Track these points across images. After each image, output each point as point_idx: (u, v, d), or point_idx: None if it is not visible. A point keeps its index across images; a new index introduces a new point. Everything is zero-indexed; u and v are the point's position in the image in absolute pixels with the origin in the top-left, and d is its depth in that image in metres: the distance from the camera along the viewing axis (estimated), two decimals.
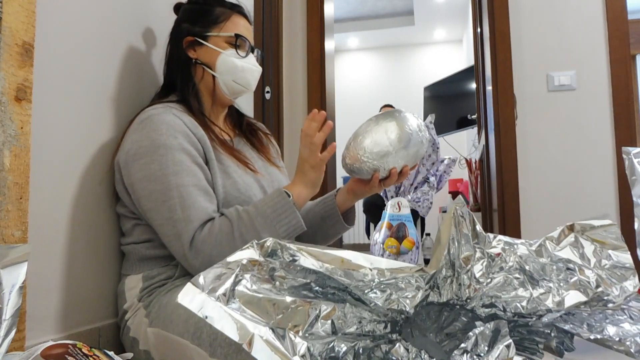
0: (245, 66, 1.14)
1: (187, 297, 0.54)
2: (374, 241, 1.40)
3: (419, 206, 1.44)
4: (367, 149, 1.04)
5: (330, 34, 3.11)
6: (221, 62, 1.12)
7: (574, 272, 0.63)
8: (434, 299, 0.60)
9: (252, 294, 0.55)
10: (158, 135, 0.98)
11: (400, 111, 1.07)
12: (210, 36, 1.13)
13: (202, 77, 1.14)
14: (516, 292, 0.60)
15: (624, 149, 0.96)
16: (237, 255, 0.59)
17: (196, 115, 1.09)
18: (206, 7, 1.15)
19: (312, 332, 0.54)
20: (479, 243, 0.64)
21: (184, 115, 1.05)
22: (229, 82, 1.13)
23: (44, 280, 0.90)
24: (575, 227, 0.67)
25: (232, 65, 1.12)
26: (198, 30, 1.13)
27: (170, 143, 0.98)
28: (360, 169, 1.06)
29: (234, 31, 1.13)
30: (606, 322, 0.63)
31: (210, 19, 1.14)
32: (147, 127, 1.00)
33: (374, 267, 0.60)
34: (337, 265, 0.60)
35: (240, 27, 1.15)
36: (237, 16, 1.16)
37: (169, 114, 1.02)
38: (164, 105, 1.06)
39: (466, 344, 0.56)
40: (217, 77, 1.12)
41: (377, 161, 1.04)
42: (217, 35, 1.12)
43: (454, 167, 1.46)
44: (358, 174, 1.08)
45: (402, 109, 1.09)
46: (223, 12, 1.15)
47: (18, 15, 0.80)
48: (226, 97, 1.15)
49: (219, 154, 1.07)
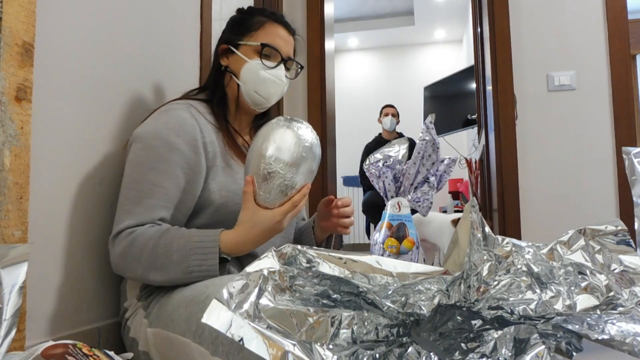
0: (267, 77, 1.12)
1: (213, 316, 0.52)
2: (374, 241, 1.40)
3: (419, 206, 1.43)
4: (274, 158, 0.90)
5: (330, 34, 3.11)
6: (245, 71, 1.12)
7: (585, 276, 0.63)
8: (442, 301, 0.60)
9: (275, 306, 0.55)
10: (164, 127, 1.00)
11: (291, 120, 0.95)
12: (240, 45, 1.13)
13: (229, 84, 1.15)
14: (524, 295, 0.60)
15: (624, 149, 0.96)
16: (256, 265, 0.58)
17: (217, 117, 1.10)
18: (247, 17, 1.16)
19: (335, 342, 0.55)
20: (487, 245, 0.64)
21: (202, 116, 1.06)
22: (251, 93, 1.12)
23: (44, 280, 0.90)
24: (586, 231, 0.67)
25: (255, 75, 1.11)
26: (233, 38, 1.14)
27: (169, 139, 0.98)
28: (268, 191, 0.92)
29: (265, 40, 1.12)
30: (605, 322, 0.63)
31: (245, 27, 1.14)
32: (160, 117, 1.02)
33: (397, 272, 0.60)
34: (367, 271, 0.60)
35: (275, 36, 1.13)
36: (272, 24, 1.14)
37: (185, 112, 1.03)
38: (187, 102, 1.07)
39: (483, 348, 0.56)
40: (241, 86, 1.12)
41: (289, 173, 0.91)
42: (247, 44, 1.12)
43: (454, 167, 1.45)
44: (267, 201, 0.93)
45: (294, 119, 0.96)
46: (259, 21, 1.14)
47: (18, 15, 0.80)
48: (250, 107, 1.15)
49: (229, 160, 1.07)
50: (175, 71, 1.18)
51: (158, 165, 0.97)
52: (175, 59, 1.18)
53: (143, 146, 0.99)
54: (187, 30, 1.20)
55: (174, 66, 1.18)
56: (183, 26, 1.18)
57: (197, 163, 1.01)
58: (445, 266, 0.62)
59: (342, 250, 0.85)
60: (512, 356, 0.56)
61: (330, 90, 2.99)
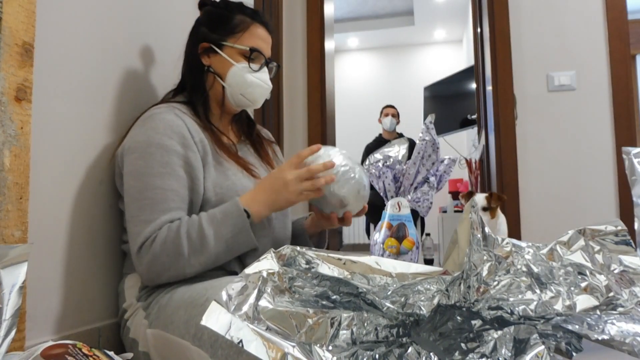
0: (255, 82, 1.12)
1: (212, 318, 0.52)
2: (374, 241, 1.40)
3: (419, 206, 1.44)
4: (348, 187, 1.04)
5: (330, 34, 3.11)
6: (232, 75, 1.11)
7: (585, 276, 0.63)
8: (442, 301, 0.60)
9: (274, 307, 0.55)
10: (154, 133, 0.99)
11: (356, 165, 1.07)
12: (225, 46, 1.11)
13: (212, 85, 1.13)
14: (523, 295, 0.60)
15: (624, 149, 0.96)
16: (255, 267, 0.58)
17: (200, 118, 1.09)
18: (227, 13, 1.13)
19: (335, 343, 0.54)
20: (487, 245, 0.64)
21: (186, 116, 1.05)
22: (237, 95, 1.12)
23: (44, 280, 0.90)
24: (586, 231, 0.67)
25: (242, 79, 1.11)
26: (215, 37, 1.12)
27: (163, 142, 0.98)
28: (327, 199, 1.05)
29: (251, 43, 1.11)
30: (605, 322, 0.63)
31: (229, 27, 1.12)
32: (147, 124, 1.01)
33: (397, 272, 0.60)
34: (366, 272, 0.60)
35: (258, 38, 1.13)
36: (256, 26, 1.13)
37: (170, 114, 1.02)
38: (169, 105, 1.06)
39: (483, 348, 0.56)
40: (226, 88, 1.12)
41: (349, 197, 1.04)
42: (233, 47, 1.11)
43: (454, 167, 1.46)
44: (320, 204, 1.08)
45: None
46: (242, 21, 1.13)
47: (18, 15, 0.80)
48: (232, 107, 1.16)
49: (219, 157, 1.07)
50: (176, 71, 1.18)
51: (160, 169, 0.97)
52: (176, 59, 1.19)
53: (139, 155, 0.98)
54: (188, 31, 1.21)
55: (174, 66, 1.18)
56: (184, 27, 1.18)
57: (194, 160, 1.01)
58: (444, 266, 0.62)
59: (341, 250, 0.85)
60: (512, 356, 0.56)
61: (330, 90, 2.99)
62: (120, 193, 1.04)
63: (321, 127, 2.80)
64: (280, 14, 2.78)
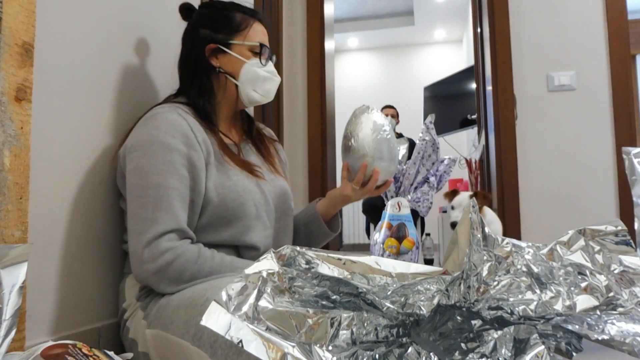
0: (267, 76, 1.14)
1: (211, 318, 0.52)
2: (374, 241, 1.40)
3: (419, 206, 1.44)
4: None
5: (330, 34, 3.11)
6: (245, 72, 1.12)
7: (585, 277, 0.63)
8: (442, 301, 0.60)
9: (274, 307, 0.55)
10: (157, 131, 0.99)
11: None
12: (234, 44, 1.12)
13: (224, 86, 1.14)
14: (523, 295, 0.60)
15: (624, 149, 0.96)
16: (255, 267, 0.58)
17: (203, 119, 1.09)
18: (226, 13, 1.14)
19: (335, 343, 0.54)
20: (487, 245, 0.64)
21: (189, 116, 1.05)
22: (250, 92, 1.13)
23: (44, 280, 0.90)
24: (586, 231, 0.67)
25: (255, 75, 1.12)
26: (221, 37, 1.12)
27: (166, 141, 0.98)
28: (356, 149, 1.17)
29: (257, 39, 1.13)
30: (605, 322, 0.62)
31: (233, 26, 1.13)
32: (149, 123, 1.01)
33: (397, 272, 0.60)
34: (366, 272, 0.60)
35: (260, 33, 1.15)
36: (256, 22, 1.15)
37: (173, 113, 1.02)
38: (172, 105, 1.07)
39: (483, 348, 0.56)
40: (240, 86, 1.12)
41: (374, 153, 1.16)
42: (242, 44, 1.12)
43: (454, 167, 1.45)
44: (351, 153, 1.18)
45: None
46: (244, 19, 1.14)
47: (18, 15, 0.80)
48: (244, 105, 1.17)
49: (221, 157, 1.07)
50: (176, 72, 1.18)
51: (163, 167, 0.97)
52: (176, 59, 1.19)
53: (142, 153, 0.98)
54: None
55: (175, 67, 1.18)
56: (184, 27, 1.18)
57: (197, 160, 1.01)
58: (444, 266, 0.62)
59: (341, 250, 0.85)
60: (511, 356, 0.56)
61: (330, 90, 2.99)
62: (122, 192, 1.04)
63: (321, 127, 2.79)
64: (280, 14, 2.78)
